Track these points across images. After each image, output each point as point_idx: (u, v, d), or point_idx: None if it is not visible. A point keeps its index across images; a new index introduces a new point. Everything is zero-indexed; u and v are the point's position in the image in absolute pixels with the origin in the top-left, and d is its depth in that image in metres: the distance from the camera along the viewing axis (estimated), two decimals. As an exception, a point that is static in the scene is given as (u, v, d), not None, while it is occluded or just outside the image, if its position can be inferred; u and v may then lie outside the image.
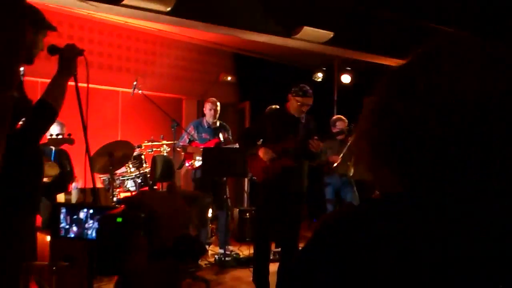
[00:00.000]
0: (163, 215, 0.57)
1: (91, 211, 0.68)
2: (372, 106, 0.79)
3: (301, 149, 4.40)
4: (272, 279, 4.57)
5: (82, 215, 0.67)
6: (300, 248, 4.68)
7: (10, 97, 0.39)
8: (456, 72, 0.71)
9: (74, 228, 0.67)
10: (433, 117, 0.70)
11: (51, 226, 0.70)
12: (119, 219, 0.60)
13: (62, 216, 0.67)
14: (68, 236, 0.67)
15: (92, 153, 2.75)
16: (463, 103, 0.69)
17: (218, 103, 6.33)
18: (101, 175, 6.00)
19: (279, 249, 5.05)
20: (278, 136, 4.40)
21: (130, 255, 0.58)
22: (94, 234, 0.68)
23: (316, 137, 4.38)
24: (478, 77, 0.70)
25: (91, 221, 0.67)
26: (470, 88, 0.69)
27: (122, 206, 0.62)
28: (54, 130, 5.12)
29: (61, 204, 0.68)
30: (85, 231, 0.67)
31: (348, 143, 6.28)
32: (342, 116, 6.66)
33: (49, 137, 4.49)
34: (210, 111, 6.26)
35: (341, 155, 6.29)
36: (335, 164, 6.27)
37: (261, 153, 4.35)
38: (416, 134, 0.70)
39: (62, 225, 0.67)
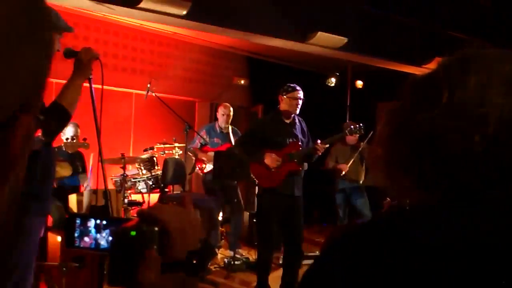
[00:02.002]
0: (176, 230, 0.58)
1: (104, 222, 0.69)
2: (393, 114, 0.78)
3: (303, 152, 4.43)
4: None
5: (95, 226, 0.68)
6: (304, 252, 4.68)
7: (34, 118, 0.41)
8: (482, 87, 0.70)
9: (87, 239, 0.68)
10: (453, 130, 0.69)
11: (65, 236, 0.71)
12: (133, 233, 0.60)
13: (76, 227, 0.68)
14: (81, 246, 0.68)
15: (105, 155, 2.77)
16: (486, 118, 0.68)
17: (232, 108, 6.34)
18: (113, 176, 6.04)
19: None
20: (278, 141, 4.41)
21: (142, 269, 0.58)
22: (106, 245, 0.68)
23: (319, 140, 4.43)
24: (504, 93, 0.69)
25: (104, 232, 0.68)
26: (494, 103, 0.68)
27: (136, 219, 0.62)
28: (69, 132, 5.16)
29: (76, 215, 0.69)
30: (98, 241, 0.68)
31: (360, 149, 6.25)
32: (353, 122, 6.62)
33: (65, 140, 4.53)
34: (223, 116, 6.26)
35: (351, 161, 6.26)
36: (343, 173, 6.24)
37: (268, 161, 4.34)
38: (436, 145, 0.70)
39: (76, 235, 0.68)
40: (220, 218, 6.41)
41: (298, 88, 4.47)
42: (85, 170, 5.70)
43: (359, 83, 8.75)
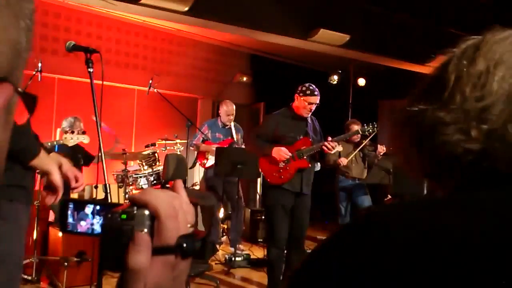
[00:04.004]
0: (166, 214, 0.58)
1: (97, 207, 0.70)
2: (403, 105, 0.77)
3: (313, 149, 4.41)
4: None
5: (88, 211, 0.68)
6: (308, 250, 4.68)
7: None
8: (485, 77, 0.68)
9: (81, 223, 0.69)
10: (452, 123, 0.68)
11: (59, 220, 0.72)
12: (123, 216, 0.60)
13: (69, 212, 0.69)
14: (75, 231, 0.69)
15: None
16: (486, 112, 0.67)
17: (234, 106, 6.35)
18: (115, 172, 6.05)
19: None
20: (289, 137, 4.40)
21: (132, 252, 0.58)
22: (100, 230, 0.69)
23: (329, 138, 4.40)
24: (507, 87, 0.68)
25: (97, 217, 0.69)
26: (495, 96, 0.67)
27: (127, 203, 0.63)
28: (68, 125, 5.18)
29: (69, 200, 0.70)
30: (92, 226, 0.69)
31: (361, 146, 6.26)
32: (356, 120, 6.63)
33: (65, 134, 4.53)
34: (226, 115, 6.25)
35: (351, 157, 6.26)
36: (341, 164, 6.21)
37: (275, 154, 4.31)
38: (435, 138, 0.69)
39: (69, 220, 0.69)
40: (221, 214, 6.43)
41: (316, 93, 4.38)
42: (89, 161, 5.67)
43: (361, 81, 8.75)
